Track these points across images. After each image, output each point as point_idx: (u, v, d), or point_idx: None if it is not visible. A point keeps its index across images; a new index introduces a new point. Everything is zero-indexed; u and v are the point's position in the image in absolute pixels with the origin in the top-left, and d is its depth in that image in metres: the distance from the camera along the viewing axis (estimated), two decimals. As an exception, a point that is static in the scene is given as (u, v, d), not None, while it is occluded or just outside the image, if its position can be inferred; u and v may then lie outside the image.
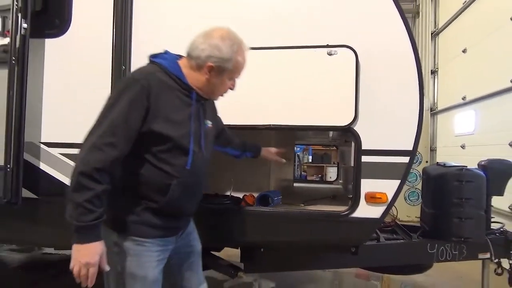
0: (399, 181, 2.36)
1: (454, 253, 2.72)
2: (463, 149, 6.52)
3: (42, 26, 2.64)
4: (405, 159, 2.35)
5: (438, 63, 8.26)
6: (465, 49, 6.71)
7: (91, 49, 2.64)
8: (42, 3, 2.67)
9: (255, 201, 2.65)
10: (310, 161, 9.71)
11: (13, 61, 2.46)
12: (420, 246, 2.76)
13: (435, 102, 8.27)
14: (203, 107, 1.77)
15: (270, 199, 2.64)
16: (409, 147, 2.34)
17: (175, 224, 1.76)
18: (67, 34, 2.67)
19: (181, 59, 1.73)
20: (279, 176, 3.58)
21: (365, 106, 2.35)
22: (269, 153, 2.52)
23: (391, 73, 2.36)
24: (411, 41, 2.34)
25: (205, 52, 1.63)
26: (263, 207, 2.60)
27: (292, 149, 5.03)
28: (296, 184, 5.02)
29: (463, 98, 6.62)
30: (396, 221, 3.18)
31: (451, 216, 2.67)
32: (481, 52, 6.08)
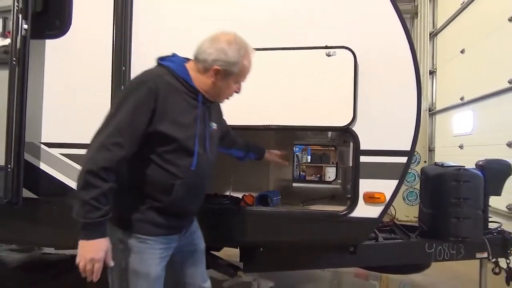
0: (397, 181, 2.37)
1: (452, 252, 2.72)
2: (461, 149, 6.52)
3: (42, 27, 2.66)
4: (403, 159, 2.36)
5: (436, 64, 8.25)
6: (463, 50, 6.72)
7: (91, 50, 2.65)
8: (42, 4, 2.68)
9: (254, 201, 2.66)
10: (309, 161, 9.71)
11: (14, 62, 2.48)
12: (418, 245, 2.76)
13: (434, 102, 8.27)
14: (208, 109, 1.80)
15: (269, 199, 2.65)
16: (407, 147, 2.36)
17: (179, 223, 1.79)
18: (68, 35, 2.68)
19: (189, 62, 1.76)
20: (278, 176, 3.59)
21: (363, 106, 2.37)
22: (273, 156, 2.56)
23: (389, 74, 2.38)
24: (409, 42, 2.36)
25: (211, 55, 1.66)
26: (262, 207, 2.61)
27: (291, 149, 5.05)
28: (295, 184, 5.04)
29: (461, 98, 6.63)
30: (394, 221, 3.19)
31: (449, 216, 2.67)
32: (479, 52, 6.08)
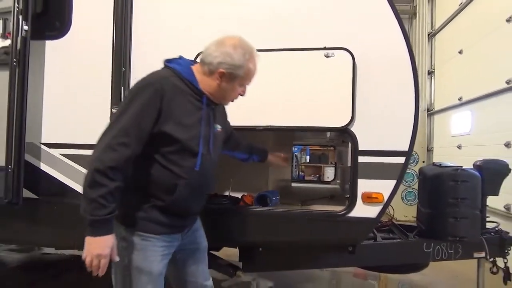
0: (395, 181, 2.39)
1: (449, 252, 2.73)
2: (460, 149, 6.53)
3: (42, 28, 2.67)
4: (401, 160, 2.38)
5: (434, 64, 8.27)
6: (461, 50, 6.73)
7: (91, 50, 2.67)
8: (42, 5, 2.70)
9: (253, 201, 2.67)
10: (307, 161, 9.71)
11: (14, 63, 2.49)
12: (416, 245, 2.77)
13: (432, 102, 8.28)
14: (213, 111, 1.82)
15: (268, 199, 2.66)
16: (405, 147, 2.37)
17: (181, 222, 1.82)
18: (68, 35, 2.70)
19: (195, 64, 1.79)
20: (277, 176, 3.60)
21: (361, 107, 2.38)
22: (276, 158, 2.59)
23: (388, 75, 2.39)
24: (406, 43, 2.37)
25: (217, 59, 1.70)
26: (261, 207, 2.62)
27: (290, 150, 5.06)
28: (294, 184, 5.05)
29: (460, 98, 6.64)
30: (393, 220, 3.20)
31: (446, 215, 2.68)
32: (477, 53, 6.10)
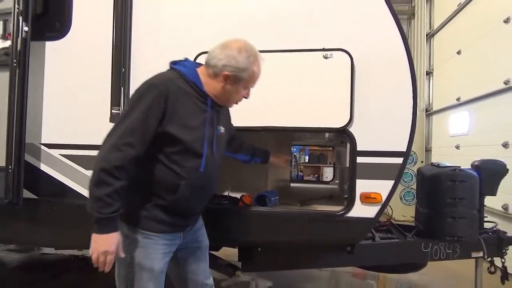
0: (393, 182, 2.40)
1: (447, 252, 2.74)
2: (458, 149, 6.55)
3: (43, 29, 2.68)
4: (399, 160, 2.39)
5: (433, 64, 8.28)
6: (459, 51, 6.75)
7: (91, 51, 2.68)
8: (42, 6, 2.71)
9: (252, 201, 2.68)
10: (306, 161, 9.73)
11: (14, 64, 2.50)
12: (414, 245, 2.79)
13: (430, 103, 8.30)
14: (217, 113, 1.84)
15: (267, 199, 2.67)
16: (403, 148, 2.39)
17: (183, 221, 1.84)
18: (68, 36, 2.71)
19: (200, 67, 1.81)
20: (276, 176, 3.61)
21: (360, 108, 2.40)
22: (277, 159, 2.63)
23: (386, 76, 2.40)
24: (404, 44, 2.39)
25: (222, 61, 1.72)
26: (260, 207, 2.63)
27: (289, 150, 5.07)
28: (293, 184, 5.07)
29: (458, 99, 6.66)
30: (391, 220, 3.21)
31: (444, 215, 2.69)
32: (475, 53, 6.12)
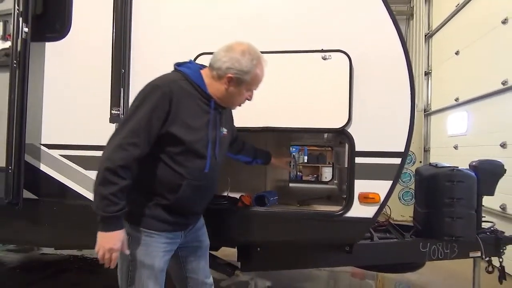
0: (391, 182, 2.41)
1: (446, 251, 2.76)
2: (456, 149, 6.57)
3: (42, 30, 2.69)
4: (397, 161, 2.40)
5: (431, 65, 8.31)
6: (458, 51, 6.78)
7: (91, 52, 2.69)
8: (42, 7, 2.71)
9: (252, 202, 2.69)
10: (305, 161, 9.74)
11: (15, 65, 2.51)
12: (412, 245, 2.80)
13: (429, 103, 8.32)
14: (220, 115, 1.86)
15: (266, 199, 2.68)
16: (401, 148, 2.40)
17: (184, 220, 1.87)
18: (67, 37, 2.72)
19: (204, 69, 1.83)
20: (275, 176, 3.62)
21: (358, 109, 2.41)
22: (279, 161, 2.67)
23: (384, 77, 2.42)
24: (402, 46, 2.40)
25: (226, 64, 1.74)
26: (259, 207, 2.64)
27: (288, 150, 5.08)
28: (292, 184, 5.07)
29: (456, 99, 6.68)
30: (390, 220, 3.23)
31: (442, 215, 2.70)
32: (474, 54, 6.15)
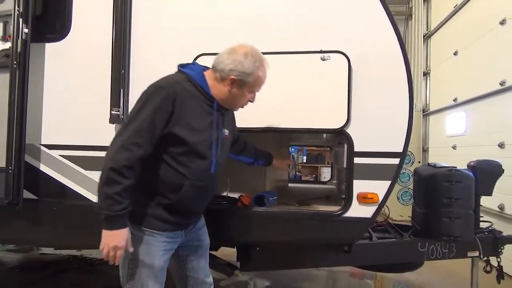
0: (390, 182, 2.42)
1: (444, 251, 2.77)
2: (455, 149, 6.57)
3: (42, 30, 2.70)
4: (396, 161, 2.41)
5: (430, 65, 8.32)
6: (456, 52, 6.79)
7: (91, 52, 2.70)
8: (42, 8, 2.72)
9: (251, 202, 2.70)
10: (304, 161, 9.75)
11: (15, 65, 2.51)
12: (411, 244, 2.81)
13: (427, 103, 8.34)
14: (223, 116, 1.88)
15: (265, 199, 2.69)
16: (400, 149, 2.41)
17: (185, 220, 1.88)
18: (67, 38, 2.73)
19: (207, 70, 1.85)
20: (274, 176, 3.63)
21: (357, 109, 2.42)
22: (280, 163, 2.70)
23: (382, 78, 2.43)
24: (401, 46, 2.41)
25: (228, 66, 1.76)
26: (259, 207, 2.65)
27: (287, 150, 5.09)
28: (291, 184, 5.08)
29: (455, 99, 6.69)
30: (388, 220, 3.24)
31: (441, 215, 2.71)
32: (472, 54, 6.16)
